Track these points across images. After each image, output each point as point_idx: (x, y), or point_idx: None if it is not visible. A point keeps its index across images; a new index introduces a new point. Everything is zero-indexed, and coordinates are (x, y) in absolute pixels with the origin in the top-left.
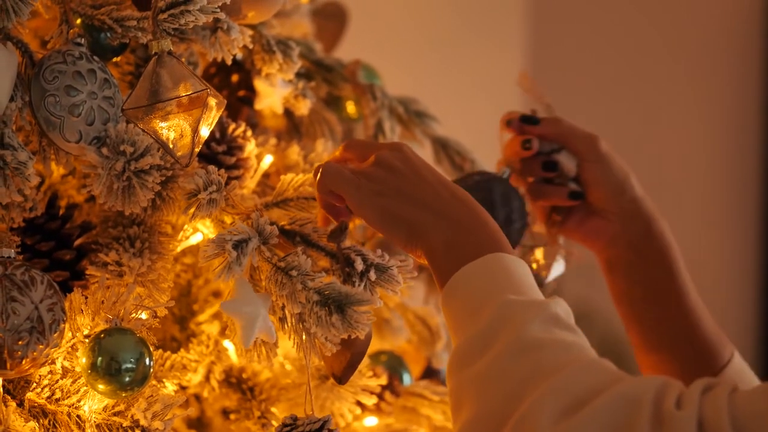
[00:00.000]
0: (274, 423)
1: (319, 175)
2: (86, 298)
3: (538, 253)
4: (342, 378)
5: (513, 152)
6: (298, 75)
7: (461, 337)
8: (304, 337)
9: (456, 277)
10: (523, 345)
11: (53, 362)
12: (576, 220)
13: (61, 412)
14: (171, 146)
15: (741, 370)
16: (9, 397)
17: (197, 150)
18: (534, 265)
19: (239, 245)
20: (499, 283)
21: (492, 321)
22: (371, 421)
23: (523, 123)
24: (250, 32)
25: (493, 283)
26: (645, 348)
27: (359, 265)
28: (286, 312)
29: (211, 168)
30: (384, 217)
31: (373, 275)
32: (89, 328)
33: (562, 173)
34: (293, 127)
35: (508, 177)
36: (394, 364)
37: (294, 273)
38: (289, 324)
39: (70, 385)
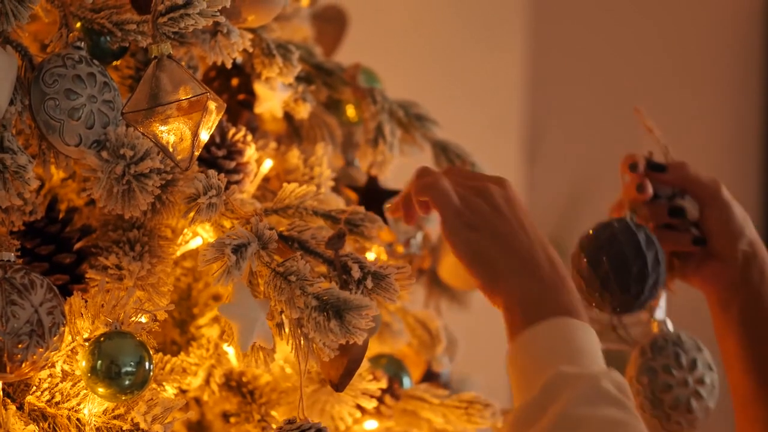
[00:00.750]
0: (274, 426)
1: (423, 181)
2: (86, 301)
3: None
4: (339, 384)
5: (631, 197)
6: (298, 79)
7: (519, 399)
8: (302, 342)
9: (523, 337)
10: (569, 422)
11: (53, 365)
12: (694, 264)
13: (61, 416)
14: (171, 150)
15: None
16: (9, 401)
17: (197, 154)
18: None
19: (238, 249)
20: (558, 351)
21: (543, 392)
22: (371, 424)
23: (651, 170)
24: (250, 36)
25: (552, 351)
26: (756, 396)
27: (356, 273)
28: (285, 317)
29: (211, 172)
30: (472, 253)
31: (370, 283)
32: (89, 331)
33: (685, 218)
34: (293, 131)
35: (634, 221)
36: (394, 368)
37: (293, 278)
38: (288, 329)
39: (70, 389)
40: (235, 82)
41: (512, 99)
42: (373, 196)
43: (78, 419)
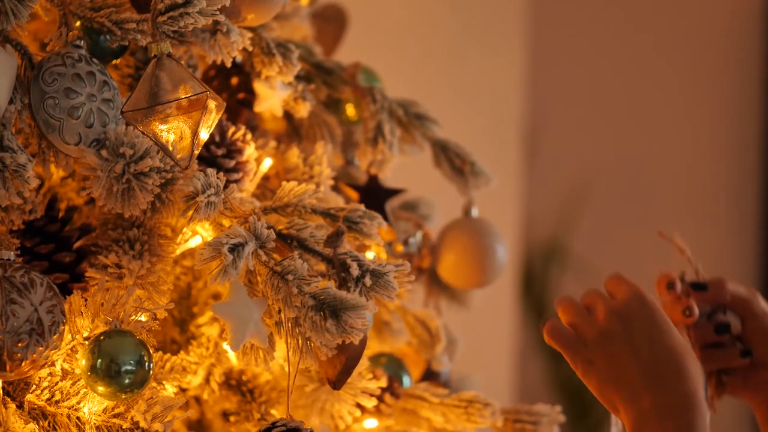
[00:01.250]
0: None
1: (549, 329)
2: (86, 300)
3: None
4: (337, 383)
5: (675, 319)
6: (298, 78)
7: None
8: (299, 341)
9: None
10: None
11: (53, 364)
12: (741, 377)
13: (61, 414)
14: (170, 149)
15: None
16: (9, 399)
17: (197, 152)
18: None
19: (235, 249)
20: None
21: None
22: (371, 423)
23: (694, 290)
24: (249, 35)
25: None
26: None
27: (355, 271)
28: (282, 316)
29: (210, 171)
30: (598, 387)
31: (368, 281)
32: (89, 330)
33: (731, 334)
34: (293, 130)
35: None
36: (393, 367)
37: (290, 277)
38: (285, 328)
39: (70, 387)
40: (234, 80)
41: (511, 98)
42: (373, 194)
43: (78, 418)
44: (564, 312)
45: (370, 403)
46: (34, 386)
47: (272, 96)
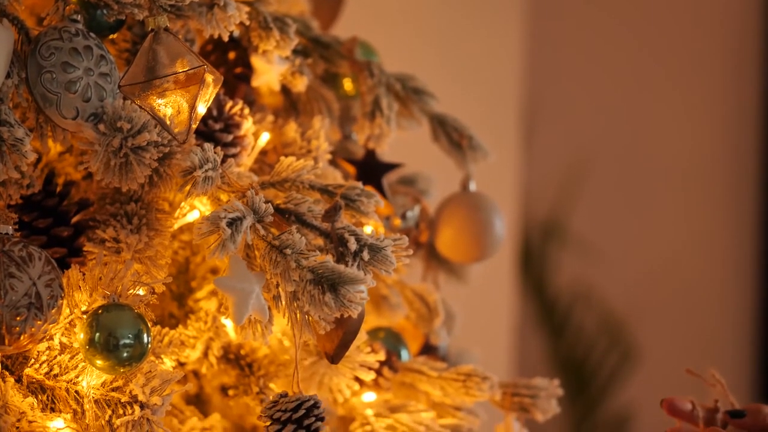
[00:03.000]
0: (271, 398)
1: None
2: (84, 274)
3: None
4: (334, 357)
5: None
6: (295, 52)
7: None
8: (297, 315)
9: None
10: None
11: (51, 338)
12: None
13: (60, 388)
14: (168, 123)
15: None
16: (7, 373)
17: (194, 127)
18: None
19: (233, 223)
20: None
21: None
22: (369, 396)
23: (732, 417)
24: (246, 9)
25: None
26: None
27: (352, 245)
28: (280, 290)
29: (208, 145)
30: None
31: (366, 255)
32: (87, 304)
33: None
34: (290, 105)
35: None
36: (392, 341)
37: (288, 251)
38: (283, 302)
39: (68, 361)
40: (231, 55)
41: (510, 75)
42: (370, 169)
43: (76, 391)
44: None
45: (369, 376)
46: (33, 360)
47: (269, 70)
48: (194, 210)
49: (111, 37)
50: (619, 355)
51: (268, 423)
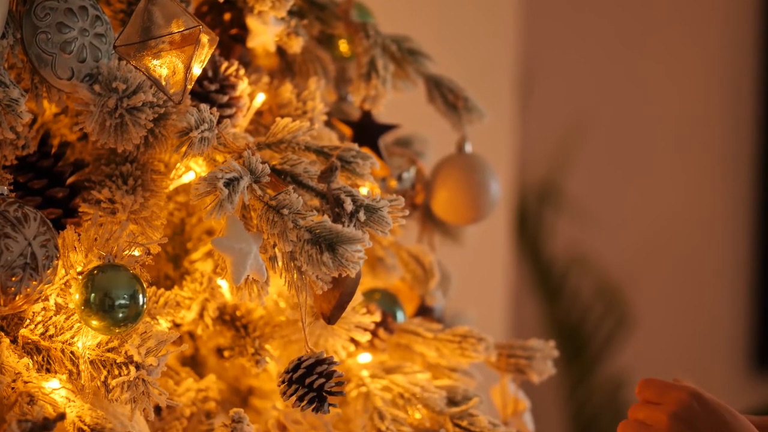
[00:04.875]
0: (268, 360)
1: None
2: (79, 235)
3: None
4: (331, 317)
5: None
6: (291, 13)
7: None
8: (295, 275)
9: None
10: None
11: (46, 299)
12: None
13: (55, 349)
14: (163, 83)
15: None
16: (2, 334)
17: (190, 87)
18: None
19: (230, 183)
20: None
21: None
22: (365, 357)
23: None
24: None
25: None
26: None
27: (349, 206)
28: (277, 250)
29: (203, 106)
30: None
31: (362, 216)
32: (82, 264)
33: None
34: (286, 66)
35: None
36: (387, 302)
37: (285, 211)
38: (281, 262)
39: (64, 322)
40: (227, 16)
41: (505, 37)
42: (366, 130)
43: (72, 352)
44: None
45: (364, 337)
46: (28, 321)
47: (265, 31)
48: (190, 171)
49: None
50: (615, 320)
51: (282, 386)
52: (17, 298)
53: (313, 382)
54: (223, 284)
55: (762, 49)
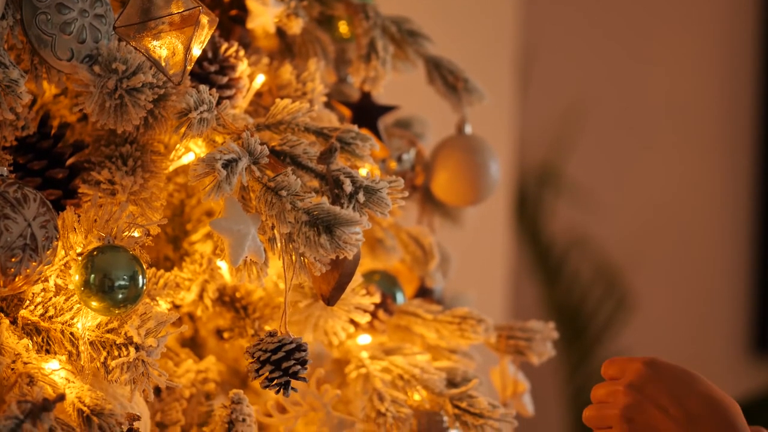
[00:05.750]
0: (260, 335)
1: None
2: (79, 216)
3: None
4: (330, 299)
5: None
6: None
7: None
8: (293, 257)
9: None
10: None
11: (46, 280)
12: None
13: (55, 330)
14: (163, 64)
15: None
16: (2, 315)
17: (189, 68)
18: None
19: (229, 164)
20: None
21: None
22: (364, 339)
23: None
24: None
25: None
26: None
27: (348, 187)
28: (276, 232)
29: (203, 87)
30: None
31: (361, 197)
32: (82, 245)
33: None
34: (285, 47)
35: None
36: (387, 284)
37: (283, 193)
38: (279, 244)
39: (63, 303)
40: None
41: (506, 18)
42: (366, 112)
43: (71, 333)
44: (589, 420)
45: (364, 319)
46: (28, 302)
47: (265, 12)
48: (189, 152)
49: None
50: (615, 302)
51: (250, 360)
52: (17, 279)
53: (289, 367)
54: (223, 265)
55: (762, 30)
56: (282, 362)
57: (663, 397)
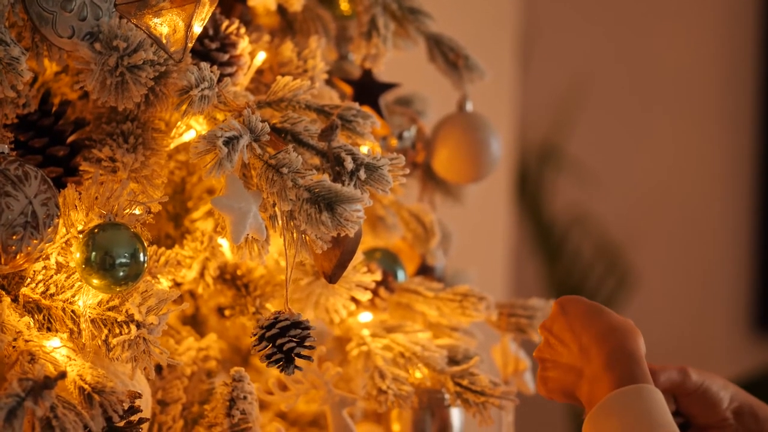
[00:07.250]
0: (266, 315)
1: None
2: (80, 193)
3: None
4: (332, 276)
5: None
6: None
7: None
8: (294, 234)
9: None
10: None
11: (47, 257)
12: None
13: (56, 307)
14: (164, 41)
15: None
16: (3, 293)
17: (190, 46)
18: None
19: (230, 141)
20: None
21: None
22: (366, 317)
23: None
24: None
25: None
26: None
27: (349, 164)
28: (277, 210)
29: (204, 65)
30: (551, 392)
31: (363, 174)
32: (83, 223)
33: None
34: (286, 24)
35: None
36: (388, 261)
37: (285, 170)
38: (280, 221)
39: (65, 281)
40: None
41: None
42: (367, 89)
43: (73, 311)
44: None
45: (365, 296)
46: (29, 280)
47: None
48: (190, 129)
49: None
50: (616, 280)
51: (253, 338)
52: (18, 256)
53: (284, 344)
54: (224, 243)
55: (765, 4)
56: (276, 339)
57: (565, 333)
